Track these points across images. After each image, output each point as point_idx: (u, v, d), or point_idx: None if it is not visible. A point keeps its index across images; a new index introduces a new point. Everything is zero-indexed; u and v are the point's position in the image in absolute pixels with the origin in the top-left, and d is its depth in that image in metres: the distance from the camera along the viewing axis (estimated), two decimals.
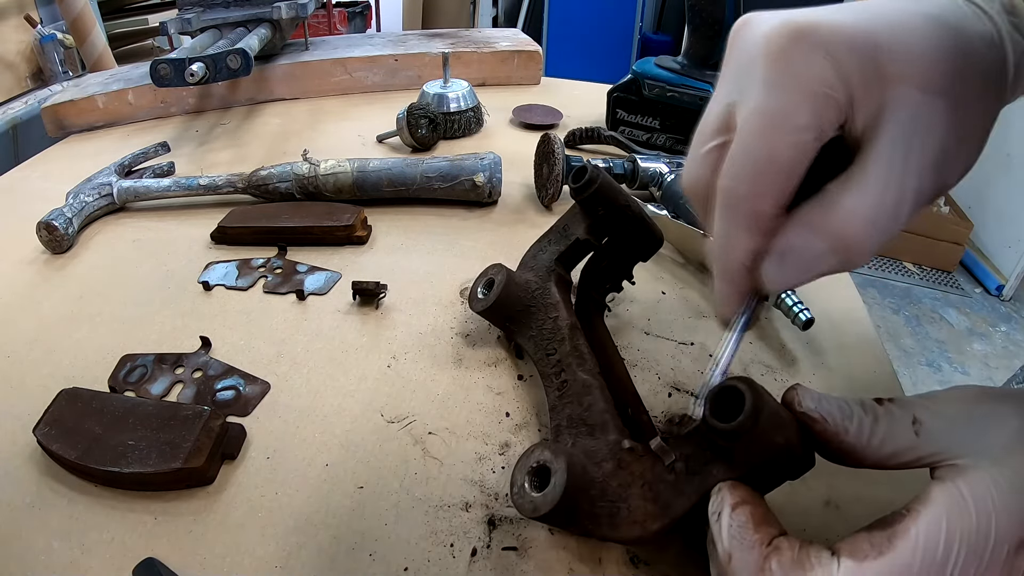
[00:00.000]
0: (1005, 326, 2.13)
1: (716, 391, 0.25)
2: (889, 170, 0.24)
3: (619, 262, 0.43)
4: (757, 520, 0.24)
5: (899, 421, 0.25)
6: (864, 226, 0.24)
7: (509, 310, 0.41)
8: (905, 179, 0.24)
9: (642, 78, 0.69)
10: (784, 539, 0.23)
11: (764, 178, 0.25)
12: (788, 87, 0.24)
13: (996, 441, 0.23)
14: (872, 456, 0.25)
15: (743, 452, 0.25)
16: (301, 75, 0.86)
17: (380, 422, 0.38)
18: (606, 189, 0.40)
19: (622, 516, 0.28)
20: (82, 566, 0.30)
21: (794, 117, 0.24)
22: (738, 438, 0.24)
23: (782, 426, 0.25)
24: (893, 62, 0.23)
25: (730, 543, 0.24)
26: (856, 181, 0.25)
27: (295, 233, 0.54)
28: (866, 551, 0.22)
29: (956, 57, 0.24)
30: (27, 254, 0.53)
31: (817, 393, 0.26)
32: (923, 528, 0.21)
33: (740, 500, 0.25)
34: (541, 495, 0.28)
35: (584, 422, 0.33)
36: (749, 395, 0.24)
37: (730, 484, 0.25)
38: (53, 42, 1.32)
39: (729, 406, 0.25)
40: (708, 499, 0.26)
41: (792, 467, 0.26)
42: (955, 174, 0.26)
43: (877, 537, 0.22)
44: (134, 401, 0.37)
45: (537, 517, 0.28)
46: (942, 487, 0.22)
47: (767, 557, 0.23)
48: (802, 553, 0.22)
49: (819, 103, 0.24)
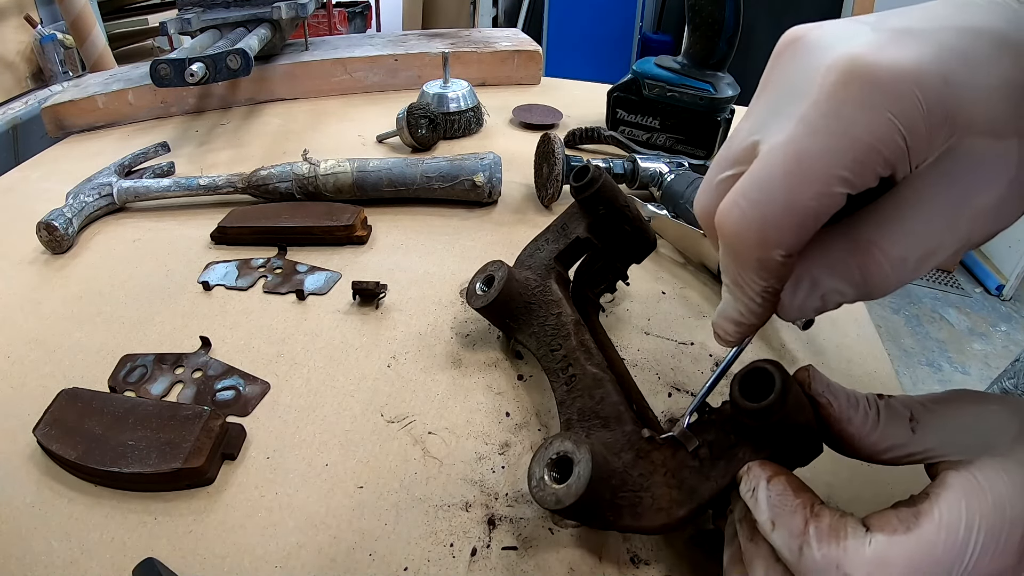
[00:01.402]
0: (1005, 326, 2.12)
1: (743, 373, 0.26)
2: (938, 219, 0.22)
3: (614, 262, 0.43)
4: (795, 487, 0.24)
5: (897, 417, 0.25)
6: (896, 273, 0.23)
7: (509, 307, 0.41)
8: (953, 229, 0.22)
9: (642, 78, 0.69)
10: (825, 507, 0.24)
11: (776, 230, 0.22)
12: (834, 131, 0.21)
13: (996, 441, 0.24)
14: (869, 448, 0.26)
15: (769, 432, 0.26)
16: (301, 75, 0.86)
17: (380, 422, 0.38)
18: (607, 189, 0.40)
19: (645, 505, 0.28)
20: (82, 566, 0.30)
21: (832, 167, 0.21)
22: (768, 418, 0.24)
23: (804, 407, 0.25)
24: (962, 109, 0.20)
25: (772, 511, 0.24)
26: (896, 224, 0.22)
27: (295, 233, 0.54)
28: (895, 526, 0.22)
29: None
30: (27, 254, 0.53)
31: (826, 378, 0.27)
32: (945, 509, 0.22)
33: (774, 472, 0.25)
34: (564, 487, 0.28)
35: (597, 415, 0.33)
36: (778, 375, 0.24)
37: (759, 462, 0.26)
38: (53, 42, 1.32)
39: (755, 388, 0.25)
40: (733, 483, 0.26)
41: (808, 449, 0.27)
42: (1010, 218, 0.23)
43: (904, 513, 0.23)
44: (134, 401, 0.37)
45: (560, 510, 0.27)
46: (956, 474, 0.23)
47: (808, 521, 0.23)
48: (839, 522, 0.23)
49: (866, 157, 0.21)
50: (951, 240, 0.22)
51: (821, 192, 0.21)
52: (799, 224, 0.22)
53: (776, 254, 0.23)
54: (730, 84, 0.66)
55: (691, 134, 0.69)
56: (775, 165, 0.22)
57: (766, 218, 0.22)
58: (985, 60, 0.21)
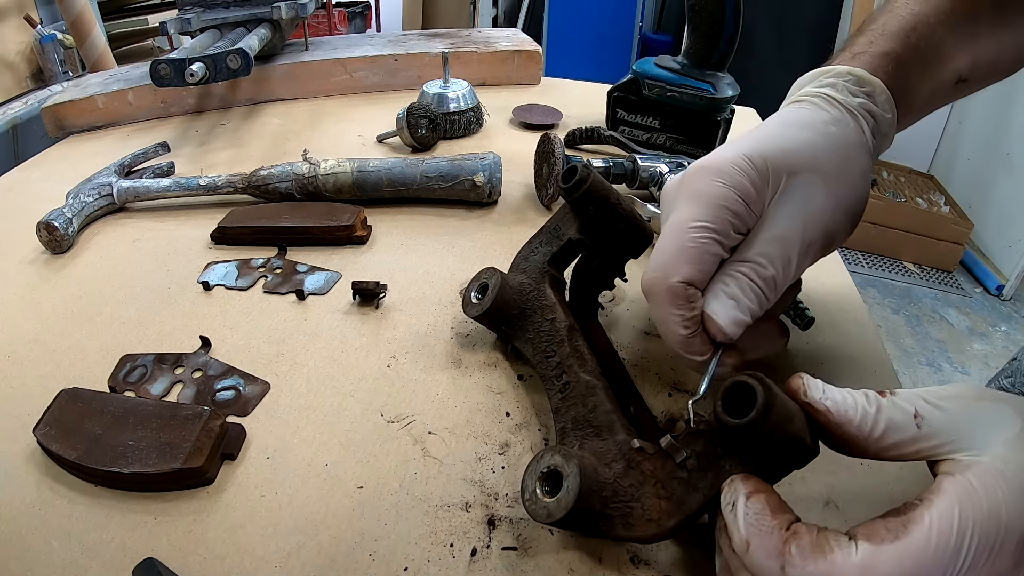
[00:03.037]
0: (1005, 326, 2.13)
1: (728, 387, 0.26)
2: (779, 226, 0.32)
3: (610, 261, 0.43)
4: (773, 507, 0.24)
5: (901, 413, 0.25)
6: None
7: (505, 314, 0.41)
8: (803, 231, 0.32)
9: (642, 78, 0.69)
10: (801, 524, 0.24)
11: (672, 264, 0.32)
12: (701, 202, 0.32)
13: (998, 439, 0.24)
14: (874, 447, 0.25)
15: (755, 446, 0.26)
16: (301, 75, 0.86)
17: (380, 422, 0.38)
18: (597, 188, 0.40)
19: (636, 515, 0.28)
20: (82, 566, 0.30)
21: (697, 219, 0.32)
22: (751, 433, 0.24)
23: (791, 418, 0.25)
24: (782, 163, 0.33)
25: (748, 530, 0.24)
26: (755, 235, 0.33)
27: (295, 233, 0.54)
28: (883, 535, 0.22)
29: (821, 142, 0.34)
30: (27, 254, 0.53)
31: (821, 383, 0.27)
32: (936, 516, 0.22)
33: (754, 489, 0.25)
34: (554, 500, 0.28)
35: (590, 423, 0.33)
36: (760, 391, 0.24)
37: (742, 475, 0.26)
38: (53, 42, 1.33)
39: (741, 401, 0.25)
40: (721, 494, 0.26)
41: (800, 457, 0.26)
42: (842, 230, 0.34)
43: (892, 523, 0.23)
44: (134, 401, 0.37)
45: (551, 522, 0.28)
46: (952, 479, 0.23)
47: (787, 542, 0.23)
48: (820, 537, 0.23)
49: (717, 210, 0.32)
50: (801, 241, 0.33)
51: (696, 236, 0.32)
52: (690, 259, 0.32)
53: (674, 281, 0.31)
54: (730, 84, 0.66)
55: (691, 134, 0.69)
56: (665, 230, 0.34)
57: (664, 262, 0.32)
58: (798, 136, 0.34)
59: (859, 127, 0.35)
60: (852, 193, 0.34)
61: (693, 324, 0.32)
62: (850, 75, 0.36)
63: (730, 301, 0.32)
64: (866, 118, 0.36)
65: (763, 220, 0.33)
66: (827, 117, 0.35)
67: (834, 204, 0.33)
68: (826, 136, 0.34)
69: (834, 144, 0.34)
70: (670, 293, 0.32)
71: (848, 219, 0.34)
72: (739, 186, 0.32)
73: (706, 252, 0.32)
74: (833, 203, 0.33)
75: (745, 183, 0.32)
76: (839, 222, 0.34)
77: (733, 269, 0.32)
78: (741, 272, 0.32)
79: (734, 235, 0.32)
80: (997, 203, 2.35)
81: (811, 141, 0.34)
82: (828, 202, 0.33)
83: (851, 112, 0.35)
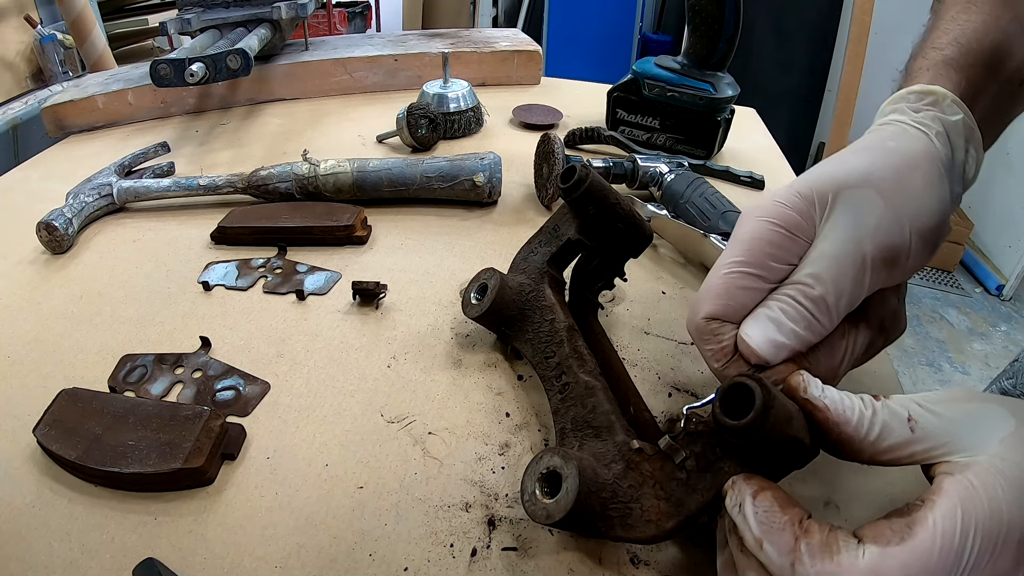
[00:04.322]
0: (1005, 326, 2.12)
1: (726, 388, 0.26)
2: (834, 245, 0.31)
3: (610, 260, 0.43)
4: (781, 502, 0.24)
5: (895, 417, 0.26)
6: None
7: (504, 315, 0.41)
8: (859, 243, 0.30)
9: (642, 78, 0.69)
10: (814, 522, 0.24)
11: (699, 302, 0.32)
12: (738, 242, 0.32)
13: (993, 438, 0.24)
14: (868, 450, 0.26)
15: (754, 447, 0.26)
16: (301, 75, 0.86)
17: (380, 422, 0.38)
18: (596, 188, 0.40)
19: (635, 516, 0.28)
20: (82, 566, 0.30)
21: (729, 257, 0.32)
22: (749, 435, 0.24)
23: (790, 419, 0.25)
24: (829, 183, 0.32)
25: (759, 529, 0.24)
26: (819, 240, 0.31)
27: (295, 233, 0.54)
28: (888, 537, 0.22)
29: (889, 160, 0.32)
30: (27, 254, 0.53)
31: (820, 382, 0.27)
32: (940, 516, 0.22)
33: (759, 487, 0.25)
34: (554, 501, 0.28)
35: (589, 424, 0.33)
36: (759, 392, 0.24)
37: (743, 475, 0.26)
38: (53, 42, 1.33)
39: (739, 403, 0.25)
40: (720, 496, 0.26)
41: (799, 457, 0.26)
42: (911, 246, 0.31)
43: (897, 524, 0.23)
44: (134, 401, 0.37)
45: (551, 523, 0.28)
46: (952, 478, 0.23)
47: (798, 539, 0.23)
48: (831, 537, 0.23)
49: (750, 243, 0.32)
50: (851, 258, 0.31)
51: (725, 274, 0.32)
52: (711, 296, 0.32)
53: (699, 318, 0.32)
54: (730, 84, 0.66)
55: (691, 134, 0.69)
56: (710, 275, 0.33)
57: (694, 301, 0.33)
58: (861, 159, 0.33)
59: (923, 135, 0.33)
60: (917, 204, 0.31)
61: (723, 355, 0.32)
62: (911, 93, 0.35)
63: (770, 324, 0.30)
64: (931, 127, 0.33)
65: (813, 243, 0.32)
66: (886, 134, 0.34)
67: (893, 216, 0.31)
68: (883, 151, 0.33)
69: (890, 157, 0.32)
70: (697, 330, 0.32)
71: (917, 233, 0.31)
72: (778, 216, 0.31)
73: (732, 286, 0.31)
74: (892, 215, 0.31)
75: (786, 211, 0.31)
76: (903, 235, 0.31)
77: (779, 293, 0.31)
78: (785, 294, 0.31)
79: (774, 265, 0.31)
80: (997, 203, 2.35)
81: (867, 159, 0.33)
82: (886, 214, 0.31)
83: (913, 125, 0.34)
